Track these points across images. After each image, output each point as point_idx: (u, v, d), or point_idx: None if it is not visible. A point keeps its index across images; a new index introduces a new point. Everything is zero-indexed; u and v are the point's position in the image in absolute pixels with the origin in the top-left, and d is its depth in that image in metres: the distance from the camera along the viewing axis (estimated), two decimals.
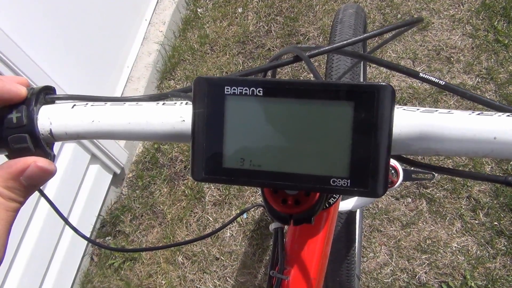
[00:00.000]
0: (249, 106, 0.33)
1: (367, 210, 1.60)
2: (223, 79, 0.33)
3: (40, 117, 0.36)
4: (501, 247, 1.48)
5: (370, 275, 1.51)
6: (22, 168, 0.33)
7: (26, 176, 0.33)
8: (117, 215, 1.77)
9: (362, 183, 0.32)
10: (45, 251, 1.50)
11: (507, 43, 1.80)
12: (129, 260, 1.69)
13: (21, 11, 1.35)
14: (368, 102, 0.32)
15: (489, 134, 0.32)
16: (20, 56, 1.29)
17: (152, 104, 0.37)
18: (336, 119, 0.32)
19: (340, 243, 0.98)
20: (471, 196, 1.56)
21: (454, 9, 1.94)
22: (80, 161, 1.60)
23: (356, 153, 0.32)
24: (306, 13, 2.06)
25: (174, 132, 0.36)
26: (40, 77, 1.36)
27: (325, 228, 0.56)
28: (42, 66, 1.38)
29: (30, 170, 0.33)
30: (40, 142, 0.36)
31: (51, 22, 1.49)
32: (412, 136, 0.34)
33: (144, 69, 1.99)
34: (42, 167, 0.34)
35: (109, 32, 1.85)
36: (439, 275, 1.48)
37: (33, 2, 1.39)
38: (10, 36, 1.26)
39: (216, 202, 1.72)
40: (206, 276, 1.61)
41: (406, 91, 1.77)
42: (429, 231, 1.54)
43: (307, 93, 0.32)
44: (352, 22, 1.02)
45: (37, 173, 0.34)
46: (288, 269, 0.54)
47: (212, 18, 2.16)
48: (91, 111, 0.37)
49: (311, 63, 0.39)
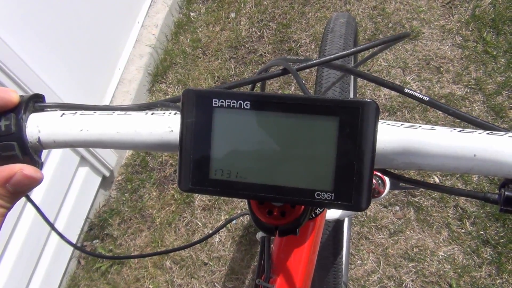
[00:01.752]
0: (237, 118, 0.34)
1: (355, 218, 1.61)
2: (211, 92, 0.34)
3: (28, 125, 0.37)
4: (487, 256, 1.50)
5: (357, 283, 1.52)
6: (8, 175, 0.34)
7: (12, 183, 0.34)
8: (105, 218, 1.76)
9: (345, 197, 0.33)
10: (32, 254, 1.48)
11: (495, 54, 1.83)
12: (117, 264, 1.68)
13: (10, 11, 1.34)
14: (353, 117, 0.32)
15: (469, 151, 0.33)
16: (10, 56, 1.28)
17: (141, 113, 0.37)
18: (321, 134, 0.33)
19: (327, 250, 0.98)
20: (458, 205, 1.58)
21: (444, 19, 1.96)
22: (69, 163, 1.59)
23: (340, 167, 0.33)
24: (299, 19, 2.07)
25: (162, 142, 0.37)
26: (30, 78, 1.35)
27: (311, 238, 0.57)
28: (33, 67, 1.37)
29: (16, 178, 0.34)
30: (28, 150, 0.36)
31: (42, 23, 1.48)
32: (395, 151, 0.35)
33: (135, 71, 1.98)
34: (28, 175, 0.34)
35: (101, 33, 1.84)
36: (425, 283, 1.49)
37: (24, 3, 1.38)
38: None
39: (205, 207, 1.72)
40: (194, 281, 1.61)
41: (396, 100, 1.79)
42: (416, 240, 1.55)
43: (294, 108, 0.33)
44: (343, 31, 1.03)
45: (23, 180, 0.34)
46: (274, 278, 0.55)
47: (205, 22, 2.16)
48: (80, 120, 0.37)
49: (298, 77, 0.39)
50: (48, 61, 1.49)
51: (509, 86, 1.75)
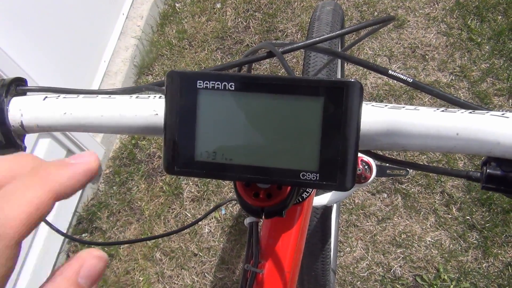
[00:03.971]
0: (221, 100, 0.33)
1: (343, 205, 1.62)
2: (195, 73, 0.34)
3: (10, 108, 0.36)
4: (473, 240, 1.52)
5: (346, 270, 1.54)
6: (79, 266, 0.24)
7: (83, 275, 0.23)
8: (93, 212, 1.75)
9: (330, 177, 0.33)
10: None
11: (480, 41, 1.84)
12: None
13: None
14: (337, 97, 0.32)
15: (452, 130, 0.33)
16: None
17: (126, 97, 0.37)
18: (306, 114, 0.33)
19: (316, 237, 0.99)
20: (445, 191, 1.60)
21: (429, 7, 1.97)
22: (55, 157, 1.57)
23: (325, 148, 0.33)
24: (285, 9, 2.07)
25: (147, 125, 0.36)
26: (12, 69, 1.33)
27: (299, 222, 0.57)
28: (15, 58, 1.35)
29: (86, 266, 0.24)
30: (10, 134, 0.35)
31: (25, 15, 1.45)
32: (379, 132, 0.35)
33: (121, 63, 1.96)
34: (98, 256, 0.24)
35: (85, 25, 1.82)
36: (413, 268, 1.51)
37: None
38: None
39: (194, 198, 1.72)
40: (184, 272, 1.61)
41: (382, 88, 1.80)
42: (404, 226, 1.57)
43: (279, 88, 0.33)
44: (329, 19, 1.03)
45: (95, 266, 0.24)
46: (262, 263, 0.55)
47: (191, 13, 2.14)
48: (63, 103, 0.37)
49: (283, 59, 0.39)
50: (31, 53, 1.47)
51: (493, 73, 1.77)
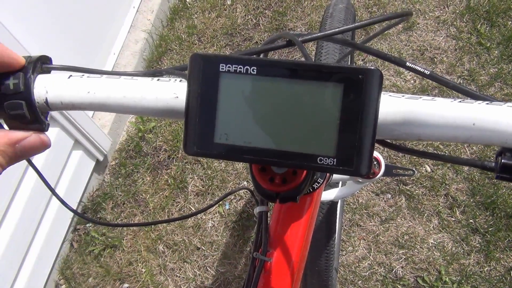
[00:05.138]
0: (243, 84, 0.34)
1: (347, 205, 1.63)
2: (218, 57, 0.34)
3: (36, 85, 0.37)
4: (476, 244, 1.53)
5: (348, 268, 1.54)
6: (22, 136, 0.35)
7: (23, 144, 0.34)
8: (98, 202, 1.76)
9: (347, 162, 0.34)
10: (24, 236, 1.48)
11: (489, 46, 1.84)
12: (109, 247, 1.68)
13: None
14: (357, 84, 0.33)
15: (468, 120, 0.33)
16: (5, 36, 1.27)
17: (147, 79, 0.38)
18: (326, 100, 0.34)
19: (321, 232, 1.00)
20: (449, 194, 1.60)
21: (439, 10, 1.97)
22: (63, 146, 1.58)
23: (343, 133, 0.33)
24: (295, 8, 2.07)
25: (168, 108, 0.37)
26: None
27: (308, 213, 0.58)
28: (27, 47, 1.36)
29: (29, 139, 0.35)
30: (35, 110, 0.36)
31: (37, 6, 1.46)
32: (396, 121, 0.36)
33: (130, 56, 1.97)
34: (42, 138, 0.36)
35: (96, 18, 1.83)
36: (415, 269, 1.52)
37: None
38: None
39: (199, 193, 1.73)
40: (186, 266, 1.62)
41: (390, 89, 1.80)
42: (407, 227, 1.58)
43: (300, 74, 0.34)
44: (342, 16, 1.04)
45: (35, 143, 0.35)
46: (271, 251, 0.56)
47: (201, 8, 2.15)
48: (87, 82, 0.37)
49: (303, 48, 0.40)
50: (42, 44, 1.48)
51: (502, 78, 1.77)
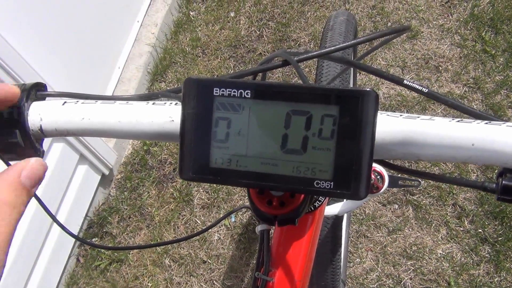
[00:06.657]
0: (237, 108, 0.34)
1: (354, 216, 1.61)
2: (212, 80, 0.34)
3: (30, 113, 0.37)
4: (485, 254, 1.50)
5: (356, 280, 1.52)
6: (21, 167, 0.31)
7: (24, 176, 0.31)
8: (104, 216, 1.76)
9: (344, 185, 0.33)
10: (31, 251, 1.48)
11: (494, 53, 1.83)
12: (116, 262, 1.68)
13: (10, 7, 1.34)
14: (353, 106, 0.32)
15: (467, 141, 0.33)
16: (9, 52, 1.28)
17: (142, 103, 0.38)
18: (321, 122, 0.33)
19: (326, 247, 0.99)
20: (457, 203, 1.58)
21: (443, 19, 1.97)
22: (68, 161, 1.59)
23: (340, 156, 0.33)
24: (298, 19, 2.07)
25: (163, 132, 0.37)
26: (29, 75, 1.35)
27: (310, 231, 0.57)
28: (32, 63, 1.37)
29: (28, 167, 0.31)
30: (29, 137, 0.36)
31: (41, 21, 1.48)
32: (394, 141, 0.35)
33: (135, 70, 1.99)
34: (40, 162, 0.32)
35: (100, 32, 1.84)
36: (424, 281, 1.50)
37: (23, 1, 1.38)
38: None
39: (205, 205, 1.72)
40: (193, 279, 1.61)
41: (395, 99, 1.79)
42: (415, 238, 1.56)
43: (294, 97, 0.33)
44: (342, 29, 1.04)
45: (36, 168, 0.32)
46: (273, 271, 0.55)
47: (205, 21, 2.16)
48: (81, 109, 0.37)
49: (299, 68, 0.40)
50: (47, 59, 1.49)
51: (508, 85, 1.76)
